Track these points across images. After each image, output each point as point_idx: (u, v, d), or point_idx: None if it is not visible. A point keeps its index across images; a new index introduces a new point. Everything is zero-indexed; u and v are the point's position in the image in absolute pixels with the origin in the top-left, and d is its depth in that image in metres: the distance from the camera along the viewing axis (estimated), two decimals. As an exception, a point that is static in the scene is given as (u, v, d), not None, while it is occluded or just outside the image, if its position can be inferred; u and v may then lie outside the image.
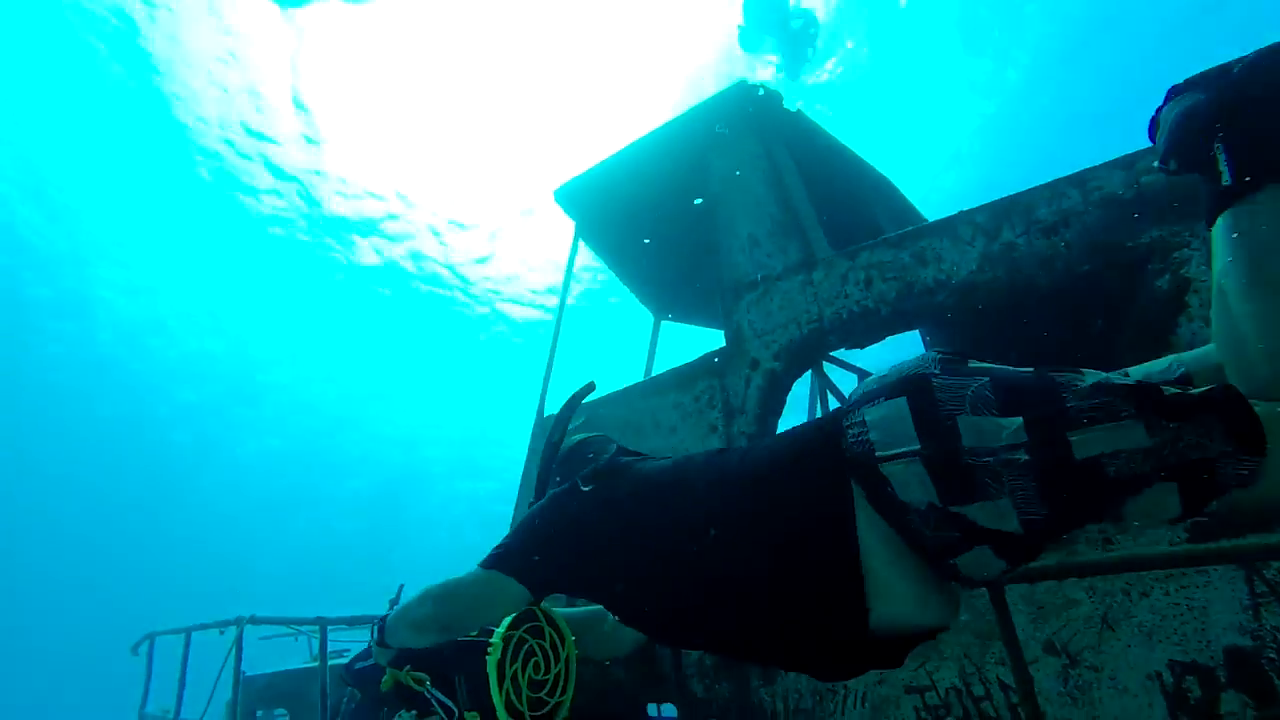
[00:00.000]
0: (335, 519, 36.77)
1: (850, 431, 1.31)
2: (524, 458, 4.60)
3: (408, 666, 2.00)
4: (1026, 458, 1.11)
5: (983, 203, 3.07)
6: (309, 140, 23.13)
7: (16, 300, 25.34)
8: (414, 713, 2.01)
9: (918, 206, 5.93)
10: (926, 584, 1.30)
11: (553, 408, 4.64)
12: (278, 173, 23.89)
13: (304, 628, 4.76)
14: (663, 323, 6.74)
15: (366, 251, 27.07)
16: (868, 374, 6.74)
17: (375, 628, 1.96)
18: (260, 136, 22.78)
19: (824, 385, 5.56)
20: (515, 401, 33.80)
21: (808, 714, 2.86)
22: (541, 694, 1.85)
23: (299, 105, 22.37)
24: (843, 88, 25.11)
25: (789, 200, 3.82)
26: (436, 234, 26.25)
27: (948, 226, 3.12)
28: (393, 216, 25.70)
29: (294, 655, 8.25)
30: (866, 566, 1.28)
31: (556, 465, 1.94)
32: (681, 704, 3.22)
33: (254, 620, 4.94)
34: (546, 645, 1.92)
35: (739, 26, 16.48)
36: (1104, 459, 1.06)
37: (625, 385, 4.29)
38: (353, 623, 3.96)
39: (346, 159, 23.93)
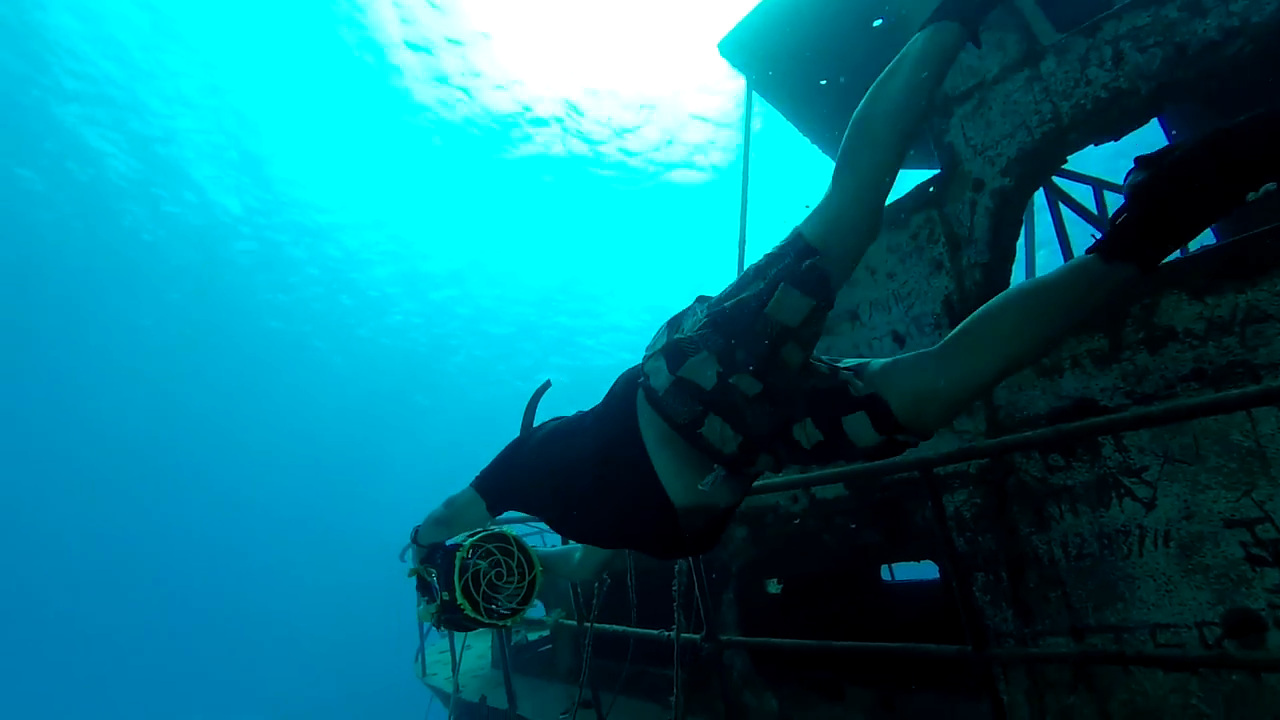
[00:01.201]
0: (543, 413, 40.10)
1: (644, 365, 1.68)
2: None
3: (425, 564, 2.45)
4: (708, 331, 1.51)
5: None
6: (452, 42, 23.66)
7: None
8: (425, 598, 2.45)
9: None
10: (705, 468, 1.58)
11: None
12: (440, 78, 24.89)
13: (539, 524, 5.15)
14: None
15: (528, 143, 27.83)
16: (1106, 184, 5.92)
17: (414, 529, 2.44)
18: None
19: (1057, 199, 4.88)
20: (703, 265, 34.35)
21: (1094, 559, 2.65)
22: (498, 595, 2.31)
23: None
24: None
25: (996, -16, 3.27)
26: (578, 113, 26.31)
27: (1230, -44, 2.50)
28: (531, 107, 26.07)
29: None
30: (655, 460, 1.60)
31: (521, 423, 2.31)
32: (945, 559, 3.12)
33: (495, 521, 5.45)
34: (514, 564, 2.37)
35: None
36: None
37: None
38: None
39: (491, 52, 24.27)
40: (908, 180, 5.12)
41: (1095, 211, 5.34)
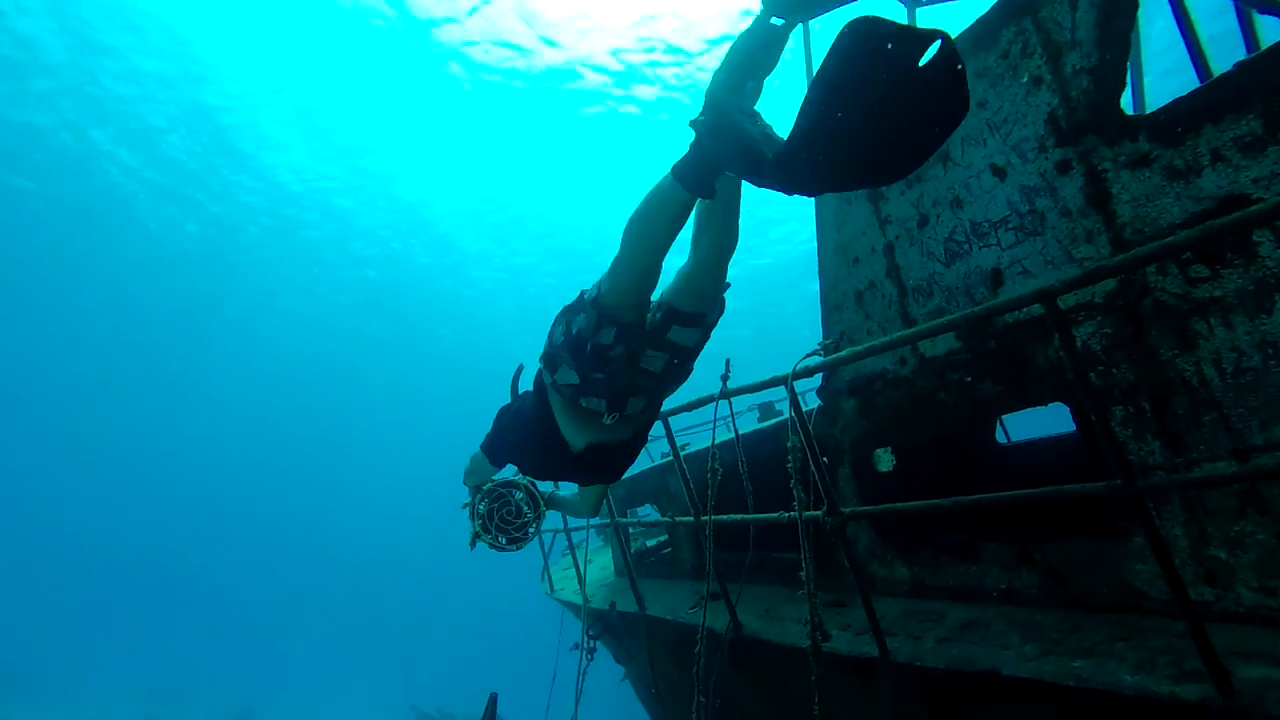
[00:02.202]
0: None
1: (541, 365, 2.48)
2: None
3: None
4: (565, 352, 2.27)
5: None
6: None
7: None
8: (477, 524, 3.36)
9: None
10: (592, 421, 2.38)
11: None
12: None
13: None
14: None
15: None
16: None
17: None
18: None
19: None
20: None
21: (1256, 373, 2.42)
22: (509, 528, 3.29)
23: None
24: None
25: None
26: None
27: None
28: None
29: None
30: (560, 423, 2.45)
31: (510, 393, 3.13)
32: (1079, 395, 2.94)
33: (603, 431, 5.54)
34: (520, 502, 3.32)
35: None
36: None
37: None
38: (691, 407, 4.19)
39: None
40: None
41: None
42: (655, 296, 2.31)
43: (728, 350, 4.19)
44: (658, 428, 4.90)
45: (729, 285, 2.36)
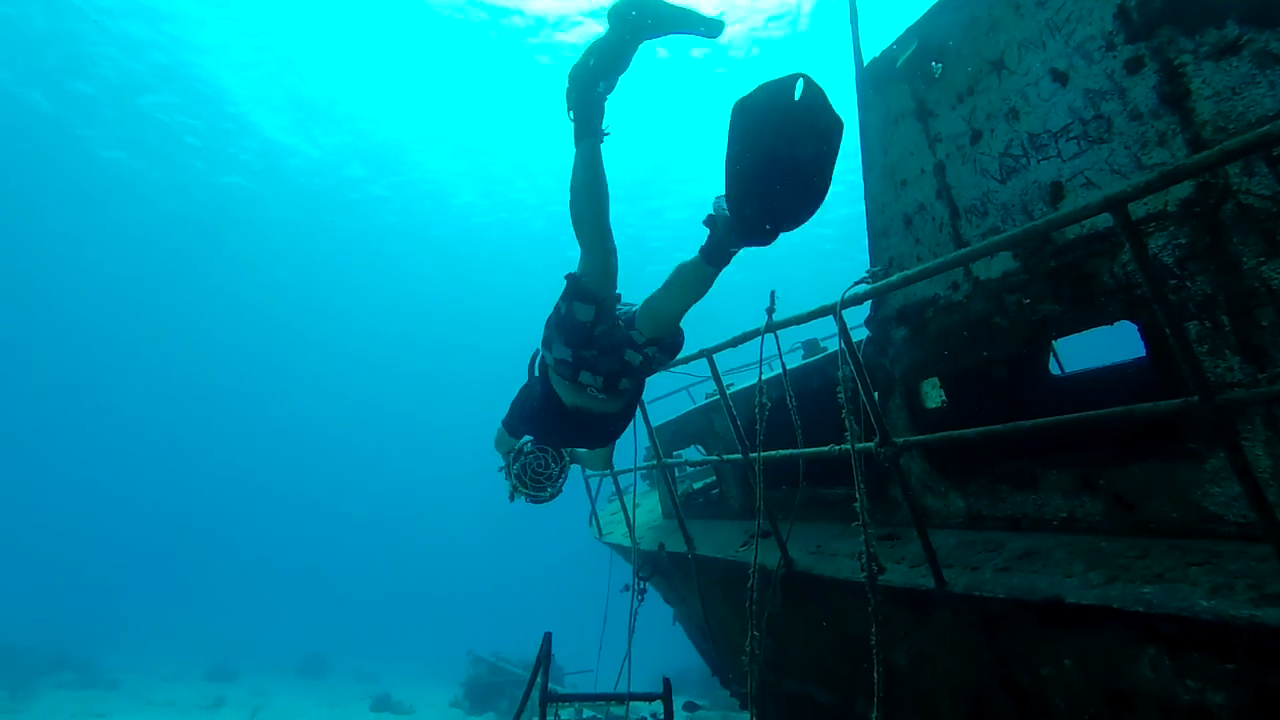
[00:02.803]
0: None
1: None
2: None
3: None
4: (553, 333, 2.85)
5: None
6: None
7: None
8: (510, 483, 3.96)
9: None
10: (585, 392, 2.88)
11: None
12: None
13: (689, 367, 5.13)
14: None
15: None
16: None
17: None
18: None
19: None
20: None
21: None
22: (539, 477, 3.82)
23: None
24: None
25: None
26: None
27: None
28: None
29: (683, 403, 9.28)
30: (562, 396, 2.97)
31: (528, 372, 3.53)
32: (1154, 307, 2.79)
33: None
34: (548, 459, 3.83)
35: None
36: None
37: None
38: (736, 343, 4.11)
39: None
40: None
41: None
42: (618, 307, 3.00)
43: (772, 281, 4.07)
44: (703, 366, 4.85)
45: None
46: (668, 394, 10.04)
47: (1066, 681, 2.73)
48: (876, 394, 4.27)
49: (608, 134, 2.87)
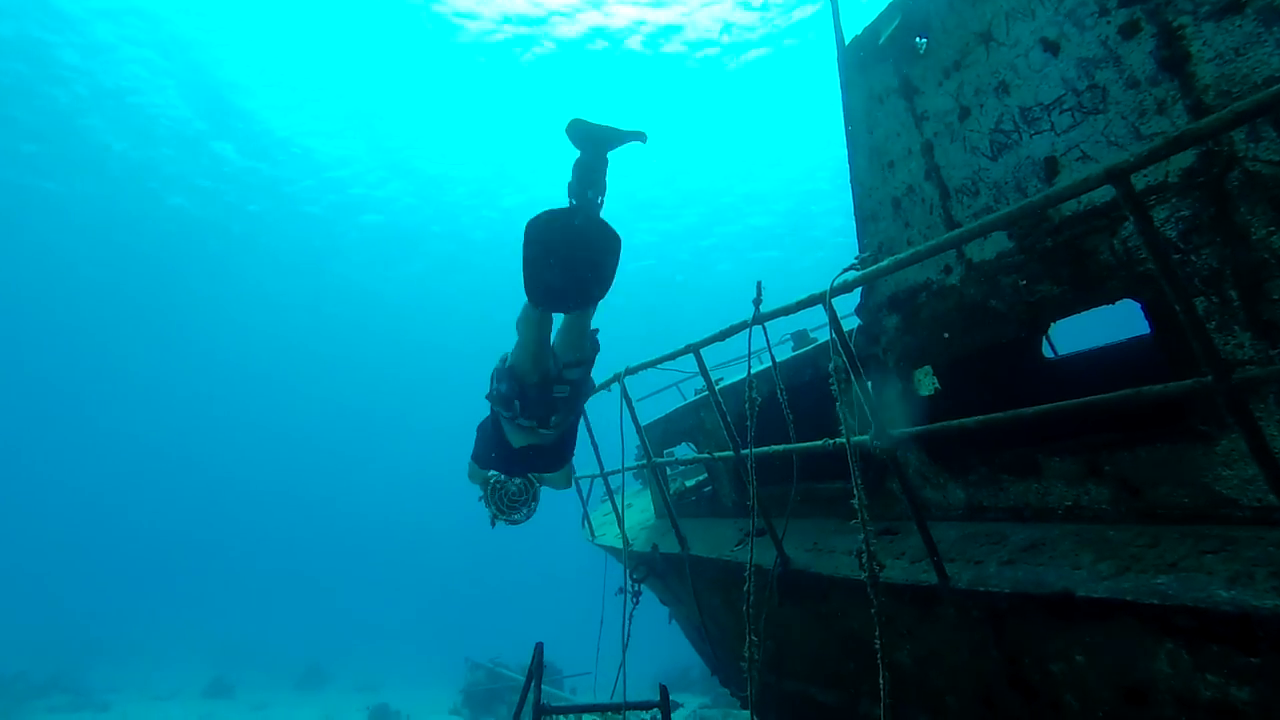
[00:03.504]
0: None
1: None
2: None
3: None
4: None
5: None
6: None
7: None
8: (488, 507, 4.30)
9: None
10: (529, 432, 3.87)
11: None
12: None
13: (677, 364, 5.00)
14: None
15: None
16: None
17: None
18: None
19: None
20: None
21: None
22: (512, 502, 4.12)
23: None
24: None
25: None
26: None
27: None
28: None
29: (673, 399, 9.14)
30: (508, 434, 3.91)
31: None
32: (1150, 292, 2.67)
33: (630, 371, 5.36)
34: (517, 487, 4.10)
35: None
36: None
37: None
38: (722, 337, 3.98)
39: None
40: None
41: None
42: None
43: (759, 273, 3.95)
44: (690, 363, 4.72)
45: (597, 330, 3.90)
46: (657, 391, 9.90)
47: (1079, 678, 2.62)
48: (870, 384, 4.15)
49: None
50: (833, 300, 3.20)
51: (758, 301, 3.78)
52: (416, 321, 49.60)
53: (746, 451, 3.90)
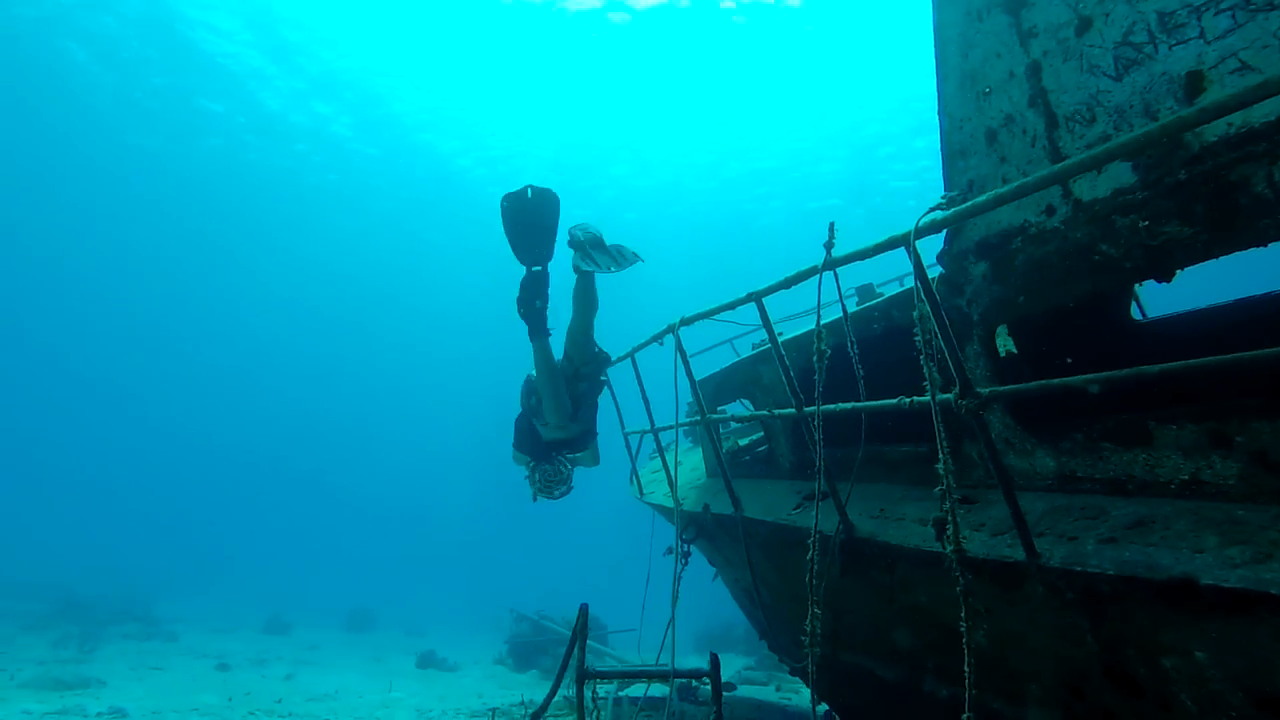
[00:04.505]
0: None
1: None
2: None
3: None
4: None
5: None
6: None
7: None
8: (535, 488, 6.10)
9: None
10: (554, 429, 5.79)
11: None
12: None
13: (736, 315, 4.69)
14: None
15: None
16: None
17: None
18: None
19: None
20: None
21: None
22: (550, 482, 5.82)
23: None
24: None
25: None
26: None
27: None
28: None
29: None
30: (540, 430, 5.92)
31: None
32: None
33: (685, 321, 5.07)
34: (554, 468, 5.81)
35: None
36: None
37: None
38: (788, 284, 3.67)
39: None
40: None
41: None
42: (559, 355, 5.66)
43: (830, 215, 3.60)
44: (750, 313, 4.42)
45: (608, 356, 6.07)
46: (710, 347, 9.61)
47: (1198, 676, 2.30)
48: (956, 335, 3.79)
49: (550, 332, 5.52)
50: (916, 243, 2.86)
51: (829, 245, 3.45)
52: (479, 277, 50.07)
53: (813, 409, 3.60)
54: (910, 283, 3.05)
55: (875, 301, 4.48)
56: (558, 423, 5.48)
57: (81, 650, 17.04)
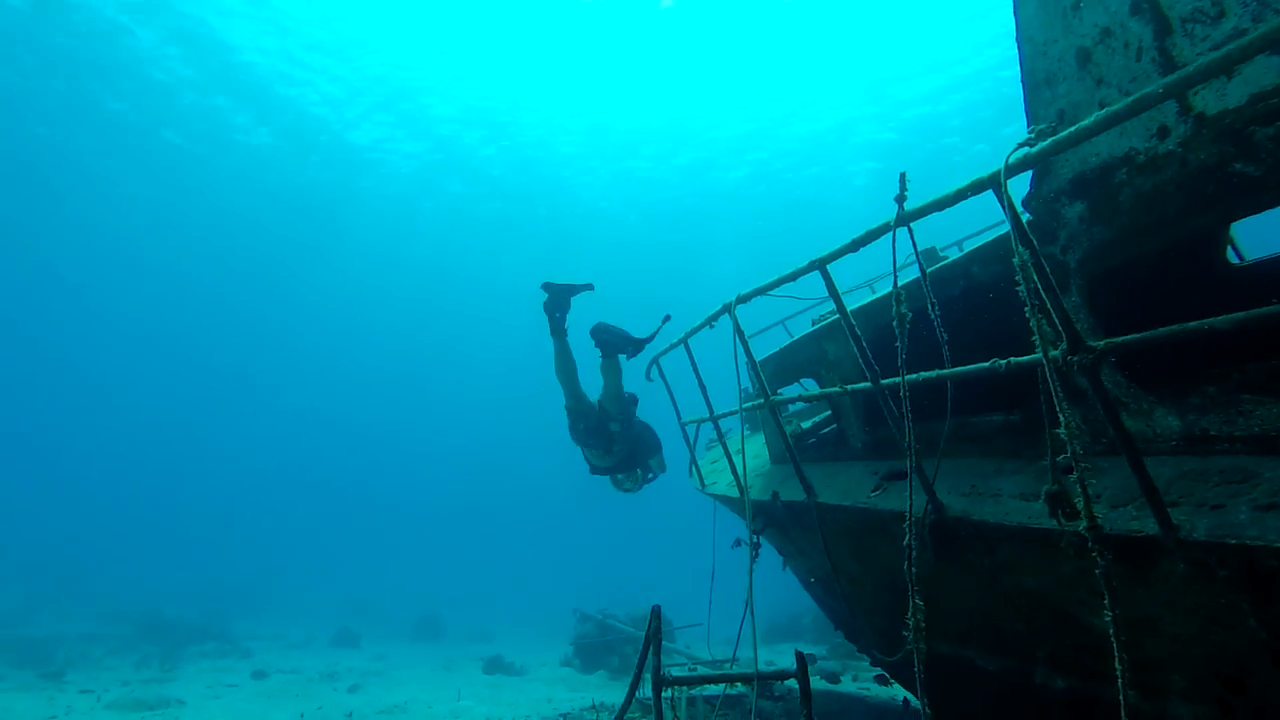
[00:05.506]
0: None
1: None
2: None
3: None
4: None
5: None
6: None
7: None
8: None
9: None
10: (599, 455, 7.58)
11: None
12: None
13: (795, 289, 4.37)
14: None
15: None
16: None
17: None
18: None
19: None
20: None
21: None
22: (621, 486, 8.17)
23: None
24: None
25: None
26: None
27: None
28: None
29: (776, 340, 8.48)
30: (587, 459, 7.88)
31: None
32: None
33: (741, 299, 4.76)
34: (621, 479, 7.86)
35: None
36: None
37: None
38: (854, 246, 3.35)
39: None
40: None
41: None
42: (594, 398, 7.43)
43: (900, 165, 3.26)
44: (815, 284, 4.10)
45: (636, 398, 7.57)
46: (762, 330, 9.26)
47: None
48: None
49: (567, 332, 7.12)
50: (1007, 181, 2.52)
51: (901, 199, 3.11)
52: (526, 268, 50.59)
53: (893, 380, 3.27)
54: (972, 245, 2.70)
55: (953, 259, 4.10)
56: (572, 405, 7.32)
57: (162, 669, 17.51)
